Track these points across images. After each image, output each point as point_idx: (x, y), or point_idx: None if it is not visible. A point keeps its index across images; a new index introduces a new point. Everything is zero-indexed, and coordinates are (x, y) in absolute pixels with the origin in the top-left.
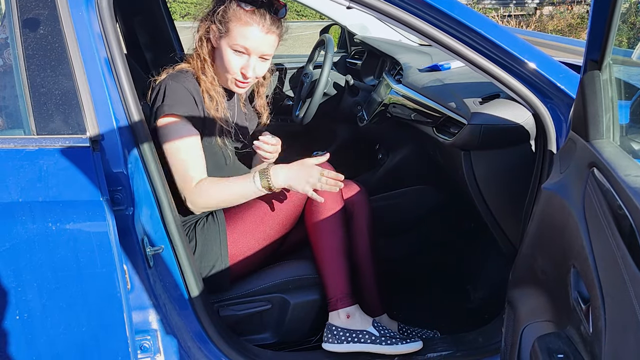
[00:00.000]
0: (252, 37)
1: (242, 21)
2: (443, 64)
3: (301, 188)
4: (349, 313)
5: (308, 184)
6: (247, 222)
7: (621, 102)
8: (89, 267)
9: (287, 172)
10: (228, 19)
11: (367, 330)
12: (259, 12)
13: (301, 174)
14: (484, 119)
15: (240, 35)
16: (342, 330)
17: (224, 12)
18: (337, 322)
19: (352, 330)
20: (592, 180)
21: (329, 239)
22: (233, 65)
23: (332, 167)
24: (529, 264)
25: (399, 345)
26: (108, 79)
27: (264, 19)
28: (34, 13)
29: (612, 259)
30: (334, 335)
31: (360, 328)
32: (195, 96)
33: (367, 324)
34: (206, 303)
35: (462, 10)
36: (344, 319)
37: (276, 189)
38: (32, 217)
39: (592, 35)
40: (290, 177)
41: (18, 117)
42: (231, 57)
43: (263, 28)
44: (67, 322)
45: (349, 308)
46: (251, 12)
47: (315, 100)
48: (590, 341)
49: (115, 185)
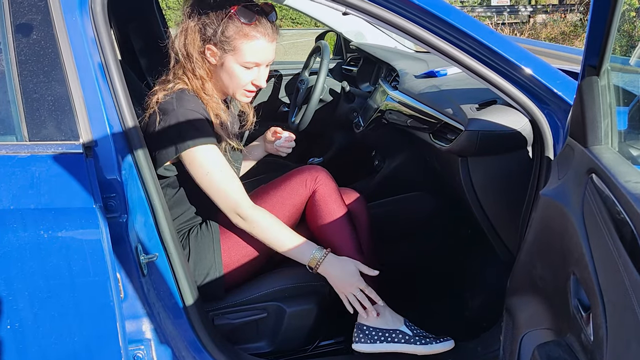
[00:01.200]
0: (262, 50)
1: (249, 36)
2: (439, 71)
3: (339, 288)
4: (378, 311)
5: (347, 290)
6: (242, 230)
7: (619, 108)
8: (81, 275)
9: (336, 268)
10: (232, 38)
11: (399, 330)
12: (261, 23)
13: (346, 278)
14: (481, 125)
15: (250, 52)
16: (374, 329)
17: (223, 31)
18: (367, 322)
19: (384, 330)
20: (591, 187)
21: (341, 238)
22: (244, 80)
23: (343, 202)
24: (527, 271)
25: (433, 345)
26: (102, 85)
27: (267, 28)
28: (26, 18)
29: (613, 266)
30: (366, 334)
31: (393, 327)
32: (206, 116)
33: (399, 323)
34: (201, 311)
35: (459, 16)
36: (373, 318)
37: (315, 271)
38: (23, 224)
39: (590, 41)
40: (336, 273)
41: (10, 123)
42: (241, 73)
43: (268, 37)
44: (59, 332)
45: (376, 306)
46: (255, 26)
47: (311, 106)
48: (591, 349)
49: (108, 192)
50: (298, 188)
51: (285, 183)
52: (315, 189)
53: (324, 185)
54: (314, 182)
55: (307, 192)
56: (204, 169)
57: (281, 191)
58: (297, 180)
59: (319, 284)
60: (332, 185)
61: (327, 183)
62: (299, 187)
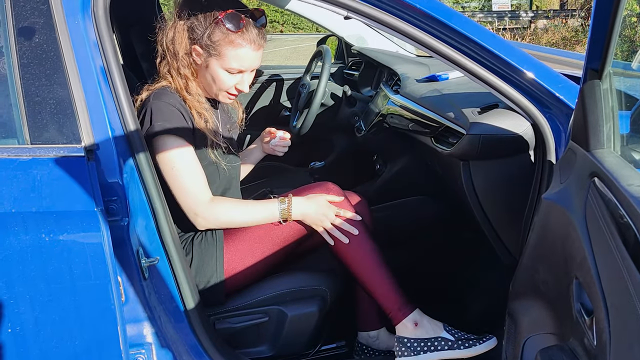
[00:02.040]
0: (246, 57)
1: (234, 44)
2: (441, 75)
3: (316, 222)
4: (415, 320)
5: (322, 221)
6: (246, 240)
7: (621, 112)
8: (82, 278)
9: (305, 205)
10: (218, 43)
11: (441, 337)
12: (247, 31)
13: (319, 209)
14: (483, 129)
15: (235, 59)
16: (415, 340)
17: (210, 35)
18: (407, 333)
19: (426, 339)
20: (594, 190)
21: (360, 255)
22: (227, 85)
23: (351, 207)
24: (529, 275)
25: (477, 346)
26: (104, 88)
27: (253, 36)
28: (29, 21)
29: (616, 270)
30: (408, 347)
31: (434, 335)
32: (183, 112)
33: (439, 329)
34: (202, 315)
35: (460, 20)
36: (412, 328)
37: (291, 219)
38: (25, 227)
39: (592, 44)
40: (308, 210)
41: (12, 126)
42: (225, 77)
43: (254, 46)
44: (60, 335)
45: (412, 315)
46: (241, 33)
47: (313, 110)
48: (594, 354)
49: (110, 195)
50: None
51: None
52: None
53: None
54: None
55: None
56: (170, 162)
57: None
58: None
59: (320, 288)
60: (344, 202)
61: (338, 201)
62: None
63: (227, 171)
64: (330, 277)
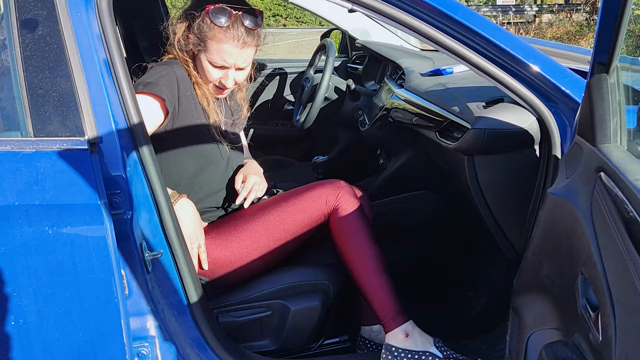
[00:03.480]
0: (228, 53)
1: (217, 38)
2: (445, 69)
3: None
4: (406, 331)
5: (189, 242)
6: (247, 229)
7: (628, 107)
8: (86, 272)
9: (186, 215)
10: (204, 35)
11: (429, 352)
12: (233, 28)
13: (193, 232)
14: (488, 123)
15: (216, 53)
16: (403, 351)
17: (199, 25)
18: (396, 342)
19: (414, 352)
20: (600, 185)
21: (363, 260)
22: (212, 77)
23: (363, 212)
24: (534, 270)
25: None
26: (107, 81)
27: (239, 34)
28: (32, 14)
29: (622, 265)
30: (395, 357)
31: (422, 349)
32: (180, 82)
33: (428, 344)
34: (205, 309)
35: (465, 13)
36: (402, 339)
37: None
38: (28, 220)
39: (600, 38)
40: (185, 222)
41: (15, 118)
42: (210, 69)
43: (238, 43)
44: (63, 328)
45: (405, 325)
46: (225, 29)
47: (316, 104)
48: (599, 350)
49: (113, 188)
50: (318, 202)
51: (305, 194)
52: (337, 205)
53: (346, 202)
54: (336, 198)
55: (326, 208)
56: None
57: (300, 201)
58: (318, 194)
59: (323, 282)
60: (354, 202)
61: (349, 200)
62: (318, 201)
63: (230, 153)
64: (333, 272)
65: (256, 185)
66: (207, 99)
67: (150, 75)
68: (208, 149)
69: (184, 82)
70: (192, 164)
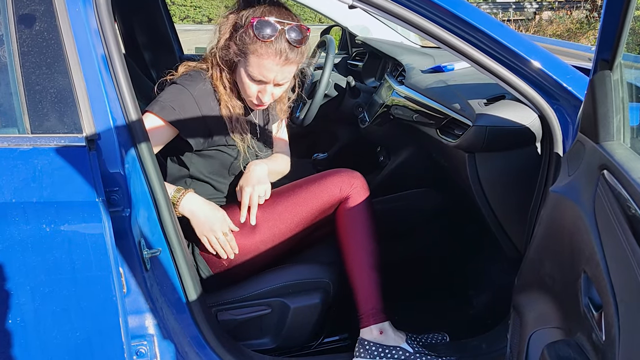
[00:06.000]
0: (268, 69)
1: (258, 53)
2: (446, 65)
3: (199, 231)
4: (381, 329)
5: (207, 233)
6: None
7: (631, 104)
8: (84, 270)
9: (199, 207)
10: (246, 46)
11: (400, 347)
12: (277, 43)
13: (209, 219)
14: (489, 120)
15: (256, 67)
16: (374, 345)
17: (242, 35)
18: (370, 337)
19: (385, 346)
20: (603, 183)
21: (361, 253)
22: (250, 91)
23: (372, 210)
24: (535, 269)
25: None
26: (105, 77)
27: (281, 50)
28: (29, 9)
29: (626, 264)
30: (366, 349)
31: (394, 344)
32: (200, 102)
33: (400, 340)
34: (204, 307)
35: (467, 9)
36: (376, 335)
37: (178, 213)
38: (25, 218)
39: (603, 34)
40: (198, 213)
41: (12, 115)
42: (248, 82)
43: (280, 60)
44: (61, 327)
45: (382, 324)
46: (268, 44)
47: (316, 101)
48: (602, 349)
49: (111, 185)
50: (332, 189)
51: (320, 181)
52: (349, 195)
53: (358, 193)
54: (350, 187)
55: (340, 195)
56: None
57: (314, 187)
58: (332, 181)
59: (323, 280)
60: (366, 195)
61: (361, 192)
62: (332, 189)
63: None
64: (333, 270)
65: (253, 196)
66: (230, 113)
67: (166, 98)
68: (227, 160)
69: (205, 99)
70: (208, 168)
